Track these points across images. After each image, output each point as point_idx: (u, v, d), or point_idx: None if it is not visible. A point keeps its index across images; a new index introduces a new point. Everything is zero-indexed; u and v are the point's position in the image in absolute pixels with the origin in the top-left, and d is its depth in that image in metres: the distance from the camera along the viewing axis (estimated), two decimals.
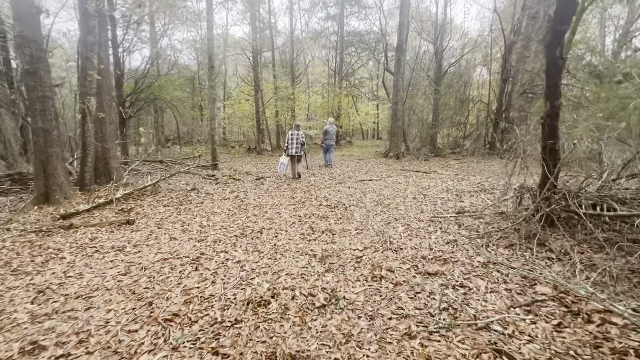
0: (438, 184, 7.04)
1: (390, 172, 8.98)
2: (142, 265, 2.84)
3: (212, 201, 5.43)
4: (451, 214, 4.48)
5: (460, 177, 7.76)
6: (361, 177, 8.32)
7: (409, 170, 9.30)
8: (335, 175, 8.73)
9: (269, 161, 12.42)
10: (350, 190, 6.53)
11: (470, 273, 2.70)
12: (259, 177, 8.16)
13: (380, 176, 8.38)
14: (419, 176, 8.22)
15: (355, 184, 7.36)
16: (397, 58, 11.21)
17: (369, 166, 10.39)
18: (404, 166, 10.31)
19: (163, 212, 4.63)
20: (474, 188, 6.26)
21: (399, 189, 6.53)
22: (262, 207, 5.12)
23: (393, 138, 11.73)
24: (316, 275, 2.74)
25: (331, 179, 8.05)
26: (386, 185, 7.05)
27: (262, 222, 4.23)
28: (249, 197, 5.88)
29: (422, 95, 13.53)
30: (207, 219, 4.31)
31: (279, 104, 16.10)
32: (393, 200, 5.51)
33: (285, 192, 6.42)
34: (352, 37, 20.33)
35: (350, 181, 7.68)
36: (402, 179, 7.75)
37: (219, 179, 8.00)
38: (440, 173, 8.53)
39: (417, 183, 7.17)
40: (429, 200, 5.45)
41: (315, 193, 6.31)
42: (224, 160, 12.86)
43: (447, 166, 10.13)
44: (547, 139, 3.21)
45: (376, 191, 6.40)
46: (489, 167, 9.48)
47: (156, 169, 8.72)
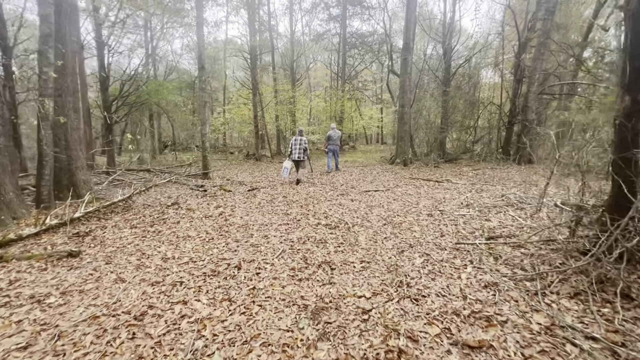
0: (454, 195, 6.16)
1: (398, 181, 8.11)
2: (58, 329, 2.00)
3: (190, 220, 4.61)
4: (480, 239, 3.60)
5: (479, 188, 6.87)
6: (366, 187, 7.47)
7: (419, 178, 8.43)
8: (337, 184, 7.88)
9: (267, 169, 11.62)
10: (354, 204, 5.68)
11: (531, 346, 1.83)
12: (252, 188, 7.34)
13: (387, 186, 7.52)
14: (430, 186, 7.34)
15: (360, 195, 6.51)
16: (403, 58, 10.41)
17: (374, 174, 9.53)
18: (412, 174, 9.44)
19: (126, 237, 3.81)
20: (499, 202, 5.38)
21: (410, 203, 5.66)
22: (248, 228, 4.28)
23: (400, 143, 10.88)
24: (304, 347, 1.88)
25: (332, 189, 7.21)
26: (395, 197, 6.19)
27: (244, 252, 3.39)
28: (235, 214, 5.05)
29: (430, 98, 12.69)
30: (175, 247, 3.48)
31: (279, 108, 15.37)
32: (405, 218, 4.65)
33: (279, 206, 5.59)
34: (355, 38, 19.63)
35: (353, 192, 6.84)
36: (412, 190, 6.88)
37: (207, 190, 7.20)
38: (455, 182, 7.65)
39: (430, 195, 6.30)
40: (447, 218, 4.58)
41: (314, 207, 5.47)
42: (220, 167, 12.10)
43: (460, 174, 9.24)
44: (623, 146, 2.34)
45: (384, 205, 5.54)
46: (508, 175, 8.58)
47: (140, 179, 7.95)
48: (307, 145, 7.87)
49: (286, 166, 7.83)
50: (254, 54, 13.07)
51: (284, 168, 7.83)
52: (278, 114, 15.79)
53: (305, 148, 7.83)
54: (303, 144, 7.79)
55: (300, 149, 7.75)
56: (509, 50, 13.94)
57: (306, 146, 7.84)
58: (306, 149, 7.85)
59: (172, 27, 16.26)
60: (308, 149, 7.95)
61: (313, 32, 20.30)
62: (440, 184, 7.62)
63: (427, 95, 12.78)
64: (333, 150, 9.80)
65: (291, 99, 14.88)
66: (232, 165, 12.81)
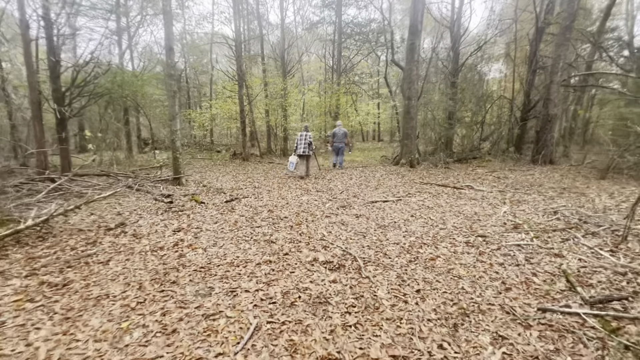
0: (486, 209, 4.84)
1: (408, 187, 6.78)
2: None
3: (127, 257, 3.17)
4: (579, 301, 2.26)
5: (512, 197, 5.57)
6: (371, 195, 6.11)
7: (433, 184, 7.10)
8: (335, 191, 6.51)
9: (254, 170, 10.18)
10: (361, 223, 4.32)
11: None
12: (231, 199, 5.91)
13: (397, 194, 6.17)
14: (450, 194, 6.02)
15: (366, 208, 5.15)
16: (410, 42, 9.04)
17: (378, 177, 8.18)
18: (422, 177, 8.12)
19: (1, 298, 2.38)
20: (554, 221, 4.07)
21: (434, 221, 4.32)
22: (210, 271, 2.88)
23: (405, 141, 9.55)
24: None
25: (331, 199, 5.83)
26: (411, 211, 4.84)
27: (185, 335, 1.98)
28: (198, 242, 3.64)
29: (439, 90, 11.37)
30: (67, 328, 2.04)
31: (268, 102, 13.89)
32: (436, 249, 3.30)
33: (261, 227, 4.19)
34: (352, 28, 18.20)
35: (357, 203, 5.47)
36: (430, 200, 5.55)
37: (174, 201, 5.75)
38: (478, 189, 6.34)
39: (455, 208, 4.97)
40: (496, 249, 3.25)
41: (308, 229, 4.09)
42: (201, 169, 10.61)
43: (478, 177, 7.95)
44: None
45: (400, 225, 4.20)
46: (535, 179, 7.31)
47: (92, 187, 6.45)
48: (311, 140, 8.09)
49: (292, 161, 8.15)
50: (239, 41, 11.54)
51: (290, 162, 8.19)
52: (268, 109, 14.31)
53: (310, 143, 8.05)
54: (308, 139, 8.02)
55: (305, 144, 7.99)
56: (522, 39, 12.69)
57: (311, 141, 8.07)
58: (311, 144, 8.08)
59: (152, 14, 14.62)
60: (313, 144, 8.19)
61: (306, 20, 18.80)
62: (460, 191, 6.30)
63: (436, 87, 11.45)
64: (338, 148, 9.74)
65: (282, 91, 13.40)
66: (215, 166, 11.33)
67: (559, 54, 9.09)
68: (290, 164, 8.18)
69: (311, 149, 8.14)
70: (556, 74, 9.22)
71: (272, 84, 13.95)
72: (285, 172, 8.88)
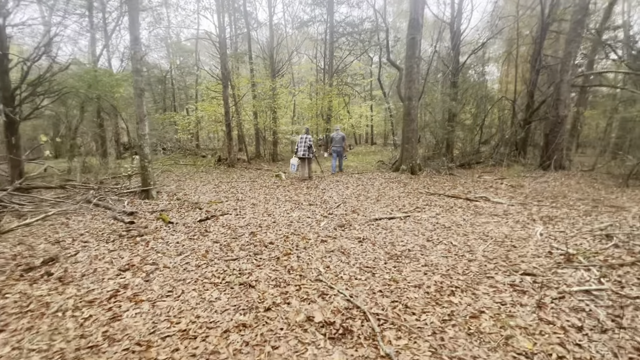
0: (516, 229, 3.99)
1: (414, 199, 5.90)
2: None
3: (28, 325, 2.18)
4: None
5: (537, 211, 4.75)
6: (373, 209, 5.22)
7: (440, 194, 6.25)
8: (331, 205, 5.59)
9: (240, 178, 9.19)
10: (365, 250, 3.41)
11: None
12: (208, 217, 4.93)
13: (403, 208, 5.29)
14: (465, 208, 5.16)
15: (368, 227, 4.24)
16: (410, 37, 8.23)
17: (377, 186, 7.30)
18: (426, 185, 7.27)
19: None
20: (610, 247, 3.23)
21: (457, 247, 3.43)
22: (148, 352, 1.91)
23: (406, 145, 8.71)
24: None
25: (327, 215, 4.91)
26: (426, 233, 3.95)
27: None
28: (148, 289, 2.66)
29: (440, 89, 10.60)
30: None
31: (257, 104, 12.91)
32: (474, 297, 2.40)
33: (238, 262, 3.23)
34: (344, 27, 17.41)
35: (358, 221, 4.56)
36: (444, 216, 4.67)
37: (137, 220, 4.74)
38: (496, 201, 5.50)
39: (477, 227, 4.10)
40: (558, 297, 2.36)
41: (299, 262, 3.16)
42: (180, 177, 9.56)
43: (488, 185, 7.14)
44: None
45: (415, 252, 3.30)
46: (554, 188, 6.53)
47: (35, 202, 5.37)
48: (311, 143, 8.10)
49: (293, 162, 8.36)
50: (223, 37, 10.57)
51: (292, 164, 8.42)
52: (256, 111, 13.33)
53: (310, 145, 8.06)
54: (308, 142, 8.04)
55: (305, 147, 8.03)
56: (524, 37, 12.07)
57: (310, 144, 8.08)
58: (311, 147, 8.09)
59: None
60: (313, 146, 8.19)
61: (296, 19, 17.92)
62: (474, 203, 5.46)
63: (437, 87, 10.68)
64: (337, 152, 9.67)
65: (270, 92, 12.44)
66: (197, 174, 10.30)
67: (569, 50, 8.42)
68: (292, 165, 8.37)
69: (311, 152, 8.18)
70: (566, 72, 8.54)
71: (261, 84, 13.01)
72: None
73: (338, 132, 9.64)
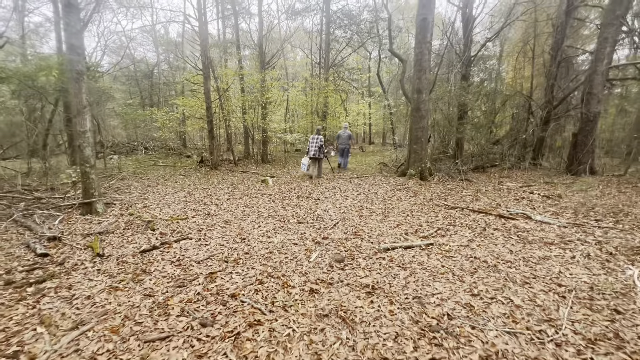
0: (596, 272, 2.72)
1: (431, 215, 4.63)
2: None
3: None
4: None
5: (604, 235, 3.49)
6: (380, 229, 3.94)
7: (462, 207, 4.98)
8: (327, 222, 4.29)
9: (221, 183, 7.86)
10: (379, 313, 2.12)
11: None
12: (154, 246, 3.60)
13: (421, 228, 4.01)
14: (506, 231, 3.89)
15: (378, 264, 2.96)
16: (421, 18, 6.95)
17: (381, 195, 6.02)
18: (441, 195, 6.01)
19: None
20: None
21: (525, 313, 2.15)
22: None
23: (414, 146, 7.43)
24: None
25: (320, 240, 3.62)
26: (466, 280, 2.65)
27: None
28: None
29: (452, 82, 9.34)
30: None
31: (245, 98, 11.54)
32: None
33: (166, 348, 1.92)
34: (341, 17, 16.11)
35: (362, 253, 3.27)
36: (482, 246, 3.39)
37: (55, 251, 3.40)
38: (541, 220, 4.24)
39: (538, 268, 2.82)
40: None
41: (271, 343, 1.87)
42: (153, 181, 8.20)
43: (517, 195, 5.89)
44: None
45: (462, 325, 2.00)
46: (601, 199, 5.29)
47: None
48: (322, 143, 8.07)
49: (304, 162, 8.29)
50: (203, 20, 9.18)
51: (302, 164, 8.32)
52: (245, 106, 11.96)
53: (321, 146, 8.04)
54: (319, 142, 8.01)
55: (316, 147, 7.99)
56: (543, 24, 10.85)
57: (322, 144, 8.05)
58: (322, 147, 8.06)
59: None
60: (324, 146, 8.19)
61: (290, 7, 16.52)
62: (513, 223, 4.19)
63: (450, 78, 9.41)
64: (342, 150, 9.74)
65: (257, 84, 11.07)
66: (173, 177, 8.94)
67: (606, 36, 7.20)
68: (303, 165, 8.34)
69: (322, 152, 8.12)
70: (601, 61, 7.32)
71: (249, 76, 11.65)
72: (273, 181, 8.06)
73: (345, 130, 9.68)
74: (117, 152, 16.27)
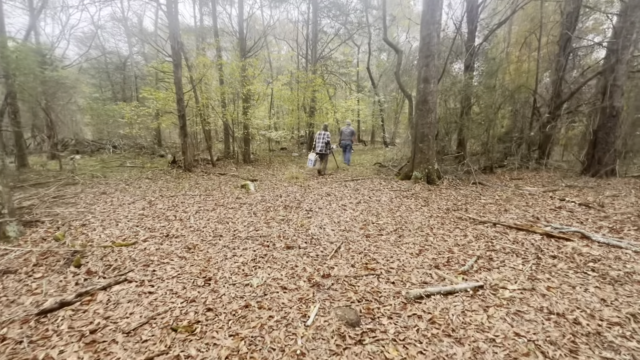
0: None
1: (457, 232, 3.56)
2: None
3: None
4: None
5: None
6: (396, 257, 2.82)
7: (493, 222, 3.96)
8: (324, 246, 3.15)
9: (193, 189, 6.58)
10: None
11: None
12: (62, 303, 2.37)
13: (452, 256, 2.93)
14: (569, 261, 2.86)
15: (416, 333, 1.83)
16: None
17: (387, 204, 4.94)
18: (458, 204, 4.99)
19: None
20: None
21: None
22: None
23: (420, 145, 6.40)
24: None
25: (317, 282, 2.47)
26: None
27: None
28: None
29: (459, 73, 8.36)
30: None
31: (224, 89, 10.21)
32: None
33: None
34: (329, 6, 14.96)
35: (382, 303, 2.16)
36: (552, 290, 2.33)
37: None
38: (607, 242, 3.26)
39: None
40: None
41: None
42: (112, 186, 6.82)
43: (542, 202, 4.95)
44: None
45: None
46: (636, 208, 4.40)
47: None
48: (329, 139, 8.06)
49: (311, 158, 8.22)
50: None
51: (309, 160, 8.27)
52: (224, 99, 10.62)
53: (328, 142, 8.02)
54: (326, 138, 7.98)
55: (323, 143, 7.97)
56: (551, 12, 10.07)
57: (329, 140, 8.04)
58: (329, 143, 8.04)
59: None
60: (331, 142, 8.17)
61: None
62: (571, 246, 3.19)
63: (449, 69, 8.43)
64: (345, 145, 9.76)
65: (237, 73, 9.76)
66: (138, 181, 7.58)
67: (632, 20, 6.37)
68: (309, 161, 8.29)
69: (329, 148, 8.12)
70: (626, 49, 6.50)
71: (227, 65, 10.31)
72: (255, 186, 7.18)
73: (348, 127, 9.73)
74: (80, 152, 14.57)
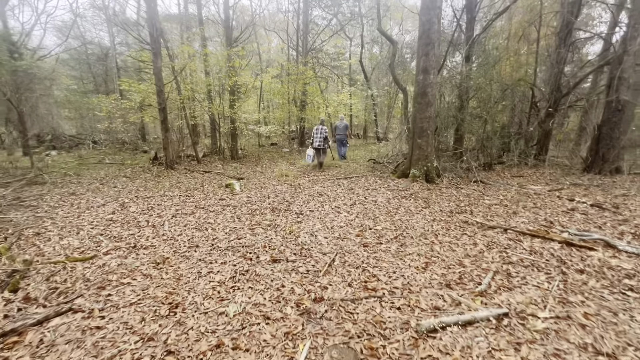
0: None
1: (469, 243, 3.14)
2: None
3: None
4: None
5: None
6: (403, 276, 2.37)
7: (504, 227, 3.56)
8: (316, 258, 2.68)
9: (173, 189, 6.02)
10: None
11: None
12: None
13: (465, 271, 2.49)
14: (599, 278, 2.46)
15: None
16: None
17: (384, 205, 4.51)
18: (461, 205, 4.59)
19: None
20: None
21: None
22: None
23: (419, 140, 5.97)
24: None
25: (305, 308, 1.99)
26: None
27: None
28: None
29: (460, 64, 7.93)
30: None
31: (210, 81, 9.58)
32: None
33: None
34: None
35: (393, 343, 1.70)
36: (591, 319, 1.92)
37: None
38: (622, 248, 2.88)
39: None
40: None
41: None
42: (84, 186, 6.21)
43: (550, 202, 4.59)
44: None
45: None
46: None
47: None
48: (326, 134, 8.05)
49: (309, 153, 8.30)
50: None
51: (308, 155, 8.35)
52: (210, 92, 9.99)
53: (326, 137, 8.02)
54: (323, 133, 8.00)
55: (320, 138, 7.97)
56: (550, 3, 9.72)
57: (326, 135, 8.03)
58: (326, 137, 8.04)
59: None
60: (328, 137, 8.15)
61: None
62: (597, 257, 2.81)
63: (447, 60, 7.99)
64: (340, 140, 9.76)
65: (222, 64, 9.14)
66: (115, 179, 6.97)
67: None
68: (308, 156, 8.35)
69: (327, 143, 8.10)
70: (635, 39, 6.17)
71: (213, 54, 9.67)
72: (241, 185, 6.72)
73: (342, 121, 9.81)
74: (57, 147, 13.73)
